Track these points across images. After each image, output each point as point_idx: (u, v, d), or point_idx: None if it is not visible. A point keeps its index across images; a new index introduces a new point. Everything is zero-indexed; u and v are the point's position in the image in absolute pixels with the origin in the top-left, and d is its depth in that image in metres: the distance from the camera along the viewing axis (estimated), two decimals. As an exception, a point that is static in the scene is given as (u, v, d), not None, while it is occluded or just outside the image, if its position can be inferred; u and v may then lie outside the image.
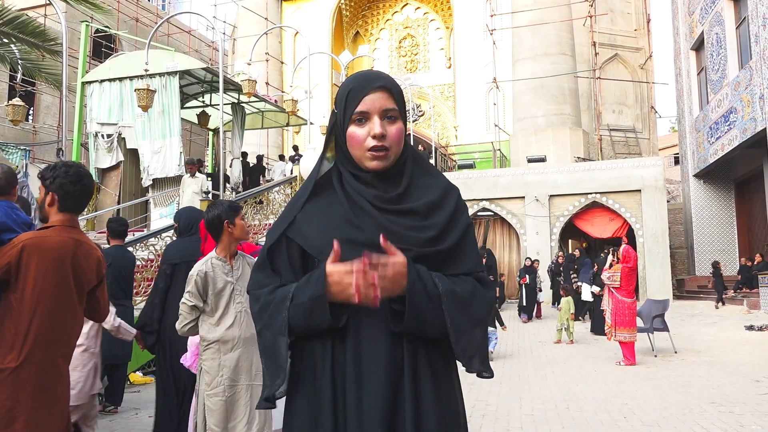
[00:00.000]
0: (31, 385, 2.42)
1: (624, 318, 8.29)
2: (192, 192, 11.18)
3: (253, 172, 16.62)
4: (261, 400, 1.48)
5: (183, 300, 3.21)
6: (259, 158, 17.56)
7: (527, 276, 14.06)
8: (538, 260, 15.78)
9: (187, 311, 3.19)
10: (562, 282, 14.03)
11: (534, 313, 14.14)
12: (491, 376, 1.51)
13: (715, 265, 15.96)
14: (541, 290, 14.41)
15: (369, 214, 1.45)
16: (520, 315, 13.90)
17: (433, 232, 1.46)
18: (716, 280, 15.47)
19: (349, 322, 1.42)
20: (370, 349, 1.40)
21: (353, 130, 1.48)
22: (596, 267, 13.20)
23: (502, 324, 9.87)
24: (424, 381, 1.42)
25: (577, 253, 15.23)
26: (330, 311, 1.38)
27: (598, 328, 11.39)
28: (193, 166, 11.48)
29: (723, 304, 15.10)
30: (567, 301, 10.81)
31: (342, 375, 1.41)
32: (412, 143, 1.69)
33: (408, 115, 1.63)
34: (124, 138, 12.84)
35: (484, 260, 14.73)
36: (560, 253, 16.39)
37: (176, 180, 12.66)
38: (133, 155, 13.03)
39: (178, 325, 3.28)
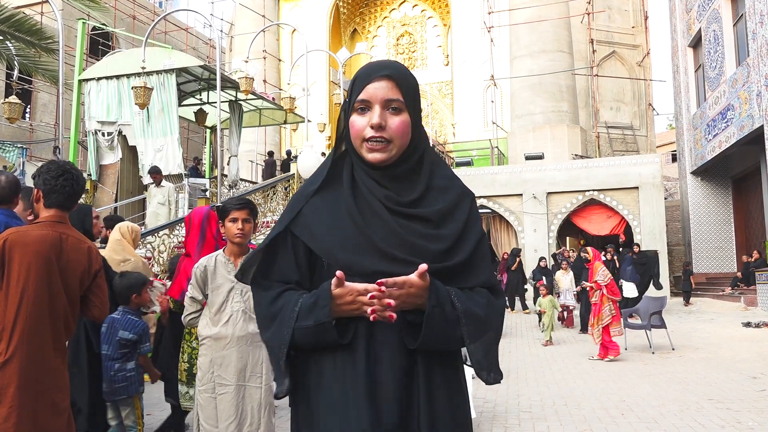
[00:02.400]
0: (20, 379, 2.43)
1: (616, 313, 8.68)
2: (157, 203, 10.49)
3: (284, 166, 17.29)
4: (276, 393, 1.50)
5: (187, 291, 3.27)
6: (288, 152, 18.40)
7: (544, 278, 12.47)
8: (567, 258, 14.00)
9: (189, 303, 3.23)
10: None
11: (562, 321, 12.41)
12: (501, 378, 1.50)
13: (686, 266, 16.28)
14: (560, 295, 12.44)
15: (378, 216, 1.41)
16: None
17: (445, 245, 1.42)
18: (684, 281, 15.82)
19: (360, 329, 1.39)
20: (384, 355, 1.38)
21: (354, 118, 1.44)
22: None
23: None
24: (438, 388, 1.41)
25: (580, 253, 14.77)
26: (338, 328, 1.37)
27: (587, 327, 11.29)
28: (158, 174, 10.70)
29: (689, 303, 15.56)
30: (550, 301, 10.45)
31: (354, 381, 1.38)
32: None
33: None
34: (124, 135, 12.80)
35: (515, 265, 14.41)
36: (563, 248, 16.13)
37: (176, 177, 12.63)
38: (130, 153, 13.00)
39: (183, 315, 3.32)
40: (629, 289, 12.90)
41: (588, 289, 9.25)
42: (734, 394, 6.11)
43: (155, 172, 10.71)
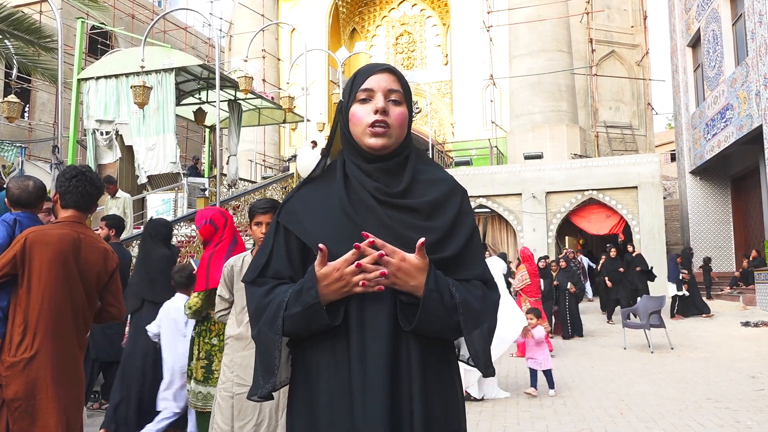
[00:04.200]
0: (51, 374, 2.53)
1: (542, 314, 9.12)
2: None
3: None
4: (253, 396, 1.48)
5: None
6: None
7: (542, 281, 10.83)
8: (573, 256, 13.63)
9: (218, 300, 3.30)
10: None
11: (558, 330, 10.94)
12: (493, 374, 1.52)
13: (707, 261, 16.57)
14: (556, 301, 11.01)
15: (369, 207, 1.43)
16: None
17: (435, 236, 1.43)
18: (705, 276, 15.97)
19: (352, 318, 1.39)
20: (374, 346, 1.37)
21: (356, 108, 1.49)
22: (680, 259, 13.24)
23: None
24: (429, 379, 1.41)
25: (613, 252, 13.74)
26: (327, 311, 1.37)
27: (572, 331, 10.73)
28: (113, 185, 9.94)
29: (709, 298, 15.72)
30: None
31: (346, 372, 1.38)
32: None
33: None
34: (121, 135, 12.78)
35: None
36: (569, 251, 15.51)
37: (173, 176, 12.60)
38: (129, 152, 12.99)
39: (214, 312, 3.38)
40: (671, 289, 12.89)
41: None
42: (733, 394, 6.12)
43: (108, 182, 9.98)
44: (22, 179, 3.08)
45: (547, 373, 6.33)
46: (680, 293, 12.94)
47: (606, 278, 13.45)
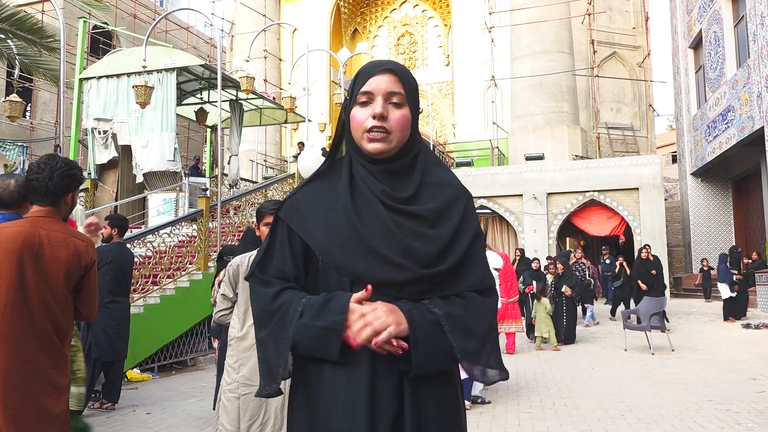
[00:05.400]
0: (0, 382, 2.32)
1: (507, 313, 9.07)
2: None
3: None
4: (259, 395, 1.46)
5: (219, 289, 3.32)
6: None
7: (534, 283, 10.54)
8: (580, 257, 13.17)
9: (220, 300, 3.28)
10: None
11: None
12: (507, 377, 1.48)
13: (704, 263, 16.45)
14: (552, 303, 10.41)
15: (374, 212, 1.41)
16: (528, 336, 10.60)
17: (437, 247, 1.40)
18: (704, 278, 15.95)
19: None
20: (381, 368, 1.36)
21: (355, 111, 1.45)
22: (728, 259, 12.93)
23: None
24: (426, 383, 1.39)
25: (644, 253, 12.79)
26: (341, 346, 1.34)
27: (565, 334, 10.40)
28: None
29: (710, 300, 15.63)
30: (543, 306, 9.87)
31: (343, 380, 1.37)
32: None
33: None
34: (115, 134, 12.75)
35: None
36: (578, 254, 14.37)
37: (172, 175, 12.59)
38: (128, 152, 12.99)
39: (214, 312, 3.37)
40: (724, 290, 12.60)
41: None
42: (733, 395, 6.11)
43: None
44: (4, 178, 2.91)
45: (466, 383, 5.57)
46: (733, 294, 12.58)
47: (639, 281, 12.51)
